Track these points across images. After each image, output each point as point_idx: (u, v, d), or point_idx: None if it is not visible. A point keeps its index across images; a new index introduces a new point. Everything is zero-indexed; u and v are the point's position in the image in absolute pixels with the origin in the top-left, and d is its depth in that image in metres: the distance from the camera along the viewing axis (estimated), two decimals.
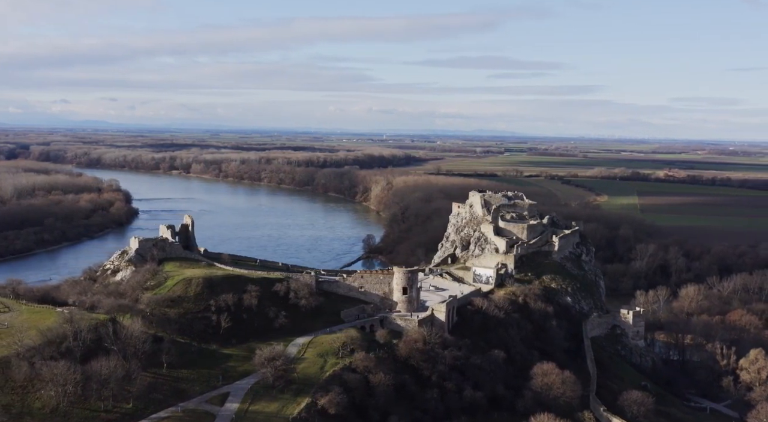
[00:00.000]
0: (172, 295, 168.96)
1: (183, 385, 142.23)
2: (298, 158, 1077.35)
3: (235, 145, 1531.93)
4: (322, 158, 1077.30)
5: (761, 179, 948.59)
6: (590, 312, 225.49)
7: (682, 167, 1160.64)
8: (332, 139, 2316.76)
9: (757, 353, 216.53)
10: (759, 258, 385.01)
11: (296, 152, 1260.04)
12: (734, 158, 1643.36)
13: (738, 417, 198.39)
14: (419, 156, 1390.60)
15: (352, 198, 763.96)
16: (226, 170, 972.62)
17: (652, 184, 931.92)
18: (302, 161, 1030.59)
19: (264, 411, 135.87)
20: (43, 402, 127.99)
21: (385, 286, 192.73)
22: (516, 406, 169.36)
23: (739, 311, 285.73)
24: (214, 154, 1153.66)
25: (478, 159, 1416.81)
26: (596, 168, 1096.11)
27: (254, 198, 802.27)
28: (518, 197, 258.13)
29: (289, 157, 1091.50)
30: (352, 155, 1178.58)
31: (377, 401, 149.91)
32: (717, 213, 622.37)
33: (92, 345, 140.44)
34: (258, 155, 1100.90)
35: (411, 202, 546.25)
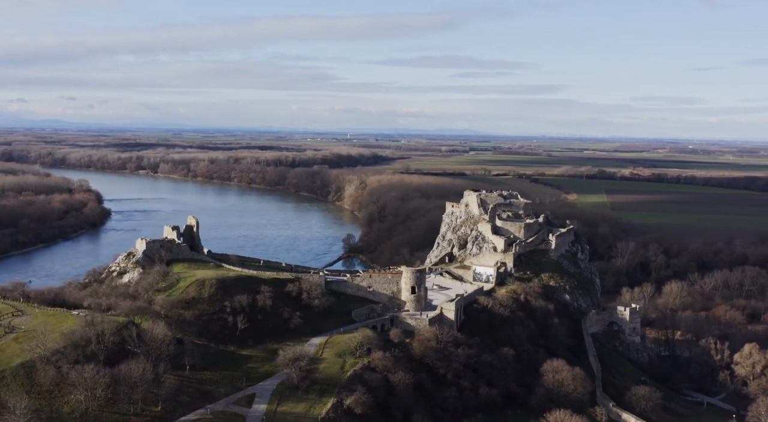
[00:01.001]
0: (186, 297, 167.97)
1: (208, 387, 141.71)
2: (266, 157, 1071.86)
3: (200, 144, 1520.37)
4: (291, 158, 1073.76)
5: (724, 177, 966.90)
6: (588, 310, 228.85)
7: (645, 166, 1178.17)
8: (296, 138, 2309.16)
9: (751, 347, 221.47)
10: (735, 255, 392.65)
11: (263, 151, 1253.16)
12: (694, 156, 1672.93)
13: (735, 411, 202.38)
14: (386, 155, 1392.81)
15: (325, 198, 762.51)
16: (194, 170, 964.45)
17: (619, 182, 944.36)
18: (271, 161, 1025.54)
19: (292, 412, 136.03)
20: (71, 406, 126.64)
21: (393, 285, 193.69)
22: (529, 403, 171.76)
23: (723, 307, 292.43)
24: (182, 153, 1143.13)
25: (445, 158, 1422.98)
26: (563, 167, 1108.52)
27: (226, 198, 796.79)
28: (513, 196, 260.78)
29: (258, 156, 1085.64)
30: (320, 154, 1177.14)
31: (399, 400, 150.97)
32: (686, 211, 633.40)
33: (115, 347, 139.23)
34: (226, 155, 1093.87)
35: (388, 201, 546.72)
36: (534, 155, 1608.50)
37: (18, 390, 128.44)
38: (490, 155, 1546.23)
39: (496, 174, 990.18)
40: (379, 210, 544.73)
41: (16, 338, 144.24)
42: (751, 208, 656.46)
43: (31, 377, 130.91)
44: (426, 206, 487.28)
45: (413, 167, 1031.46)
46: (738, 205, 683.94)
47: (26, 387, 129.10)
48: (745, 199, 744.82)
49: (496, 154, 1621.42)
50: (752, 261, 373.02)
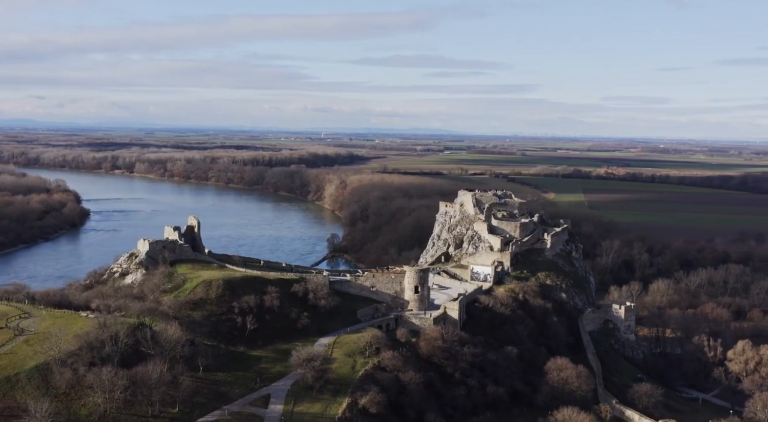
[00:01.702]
0: (193, 298, 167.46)
1: (222, 388, 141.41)
2: (243, 157, 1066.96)
3: (174, 144, 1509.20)
4: (268, 157, 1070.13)
5: (698, 176, 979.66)
6: (584, 308, 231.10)
7: (618, 165, 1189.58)
8: (270, 137, 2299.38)
9: (744, 344, 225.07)
10: (717, 253, 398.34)
11: (239, 150, 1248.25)
12: (667, 155, 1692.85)
13: (730, 407, 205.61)
14: (362, 155, 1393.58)
15: (304, 197, 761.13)
16: (171, 170, 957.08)
17: (595, 181, 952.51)
18: (248, 161, 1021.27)
19: (309, 412, 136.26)
20: (89, 409, 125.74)
21: (396, 285, 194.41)
22: (534, 401, 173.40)
23: (710, 304, 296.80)
24: (157, 153, 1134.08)
25: (420, 158, 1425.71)
26: (539, 166, 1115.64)
27: (205, 198, 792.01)
28: (507, 196, 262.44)
29: (234, 156, 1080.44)
30: (297, 153, 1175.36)
31: (411, 399, 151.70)
32: (663, 210, 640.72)
33: (129, 349, 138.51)
34: (202, 154, 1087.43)
35: (370, 201, 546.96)
36: (508, 154, 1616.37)
37: (34, 392, 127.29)
38: (465, 155, 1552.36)
39: (473, 173, 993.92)
40: (362, 210, 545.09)
41: (26, 340, 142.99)
42: (728, 207, 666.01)
43: (46, 379, 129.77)
44: (410, 206, 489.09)
45: (390, 166, 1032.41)
46: (714, 204, 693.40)
47: (42, 390, 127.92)
48: (720, 197, 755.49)
49: (470, 153, 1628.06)
50: (734, 259, 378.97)
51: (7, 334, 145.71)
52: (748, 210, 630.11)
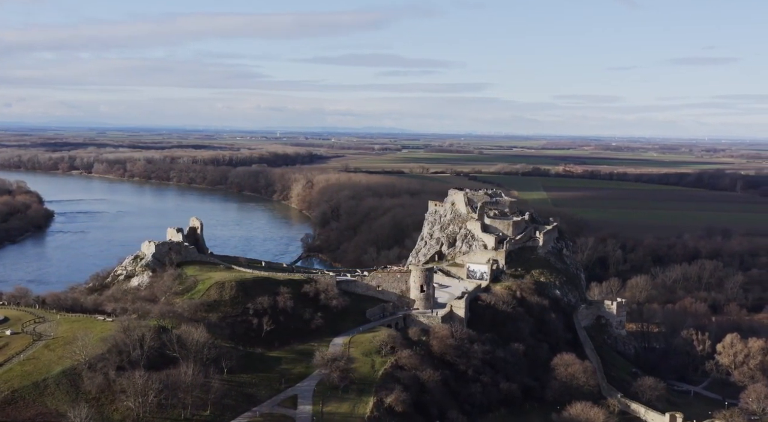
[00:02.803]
0: (207, 299, 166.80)
1: (249, 390, 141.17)
2: (203, 156, 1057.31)
3: (130, 143, 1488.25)
4: (228, 157, 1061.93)
5: (655, 173, 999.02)
6: (577, 304, 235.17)
7: (575, 163, 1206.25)
8: (225, 137, 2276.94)
9: (732, 337, 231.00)
10: (688, 249, 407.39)
11: (198, 150, 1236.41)
12: (620, 153, 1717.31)
13: (721, 399, 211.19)
14: (321, 154, 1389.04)
15: (270, 197, 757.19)
16: (131, 170, 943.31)
17: (554, 179, 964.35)
18: (208, 160, 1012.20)
19: (338, 412, 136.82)
20: (122, 413, 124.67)
21: (402, 284, 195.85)
22: (545, 396, 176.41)
23: (688, 299, 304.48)
24: (115, 153, 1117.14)
25: (379, 156, 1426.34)
26: (498, 164, 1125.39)
27: (168, 198, 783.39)
28: (498, 195, 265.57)
29: (194, 155, 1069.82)
30: (257, 153, 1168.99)
31: (433, 397, 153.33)
32: (626, 207, 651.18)
33: (155, 352, 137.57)
34: (162, 154, 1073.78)
35: (341, 201, 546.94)
36: (466, 152, 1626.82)
37: (63, 398, 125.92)
38: (423, 153, 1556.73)
39: (434, 172, 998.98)
40: (332, 210, 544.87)
41: (47, 345, 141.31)
42: (687, 203, 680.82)
43: (75, 384, 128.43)
44: (383, 205, 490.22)
45: (352, 165, 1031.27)
46: (673, 200, 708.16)
47: (71, 396, 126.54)
48: (678, 194, 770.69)
49: (428, 152, 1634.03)
50: (704, 255, 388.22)
51: (25, 339, 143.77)
52: (709, 206, 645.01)
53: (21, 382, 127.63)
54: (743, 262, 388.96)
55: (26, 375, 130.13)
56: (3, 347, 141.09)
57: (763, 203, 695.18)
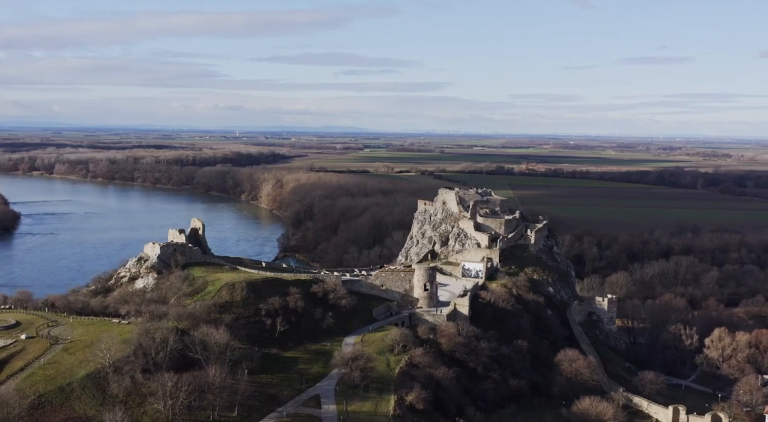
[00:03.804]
0: (219, 301, 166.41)
1: (271, 390, 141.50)
2: (166, 156, 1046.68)
3: (90, 143, 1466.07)
4: (191, 157, 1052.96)
5: (616, 171, 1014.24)
6: (570, 301, 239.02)
7: (536, 161, 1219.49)
8: (183, 136, 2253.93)
9: (720, 331, 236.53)
10: (661, 246, 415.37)
11: (160, 150, 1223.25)
12: (579, 151, 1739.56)
13: (711, 392, 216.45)
14: (283, 153, 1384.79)
15: (238, 197, 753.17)
16: (94, 170, 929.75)
17: (518, 177, 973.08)
18: (172, 160, 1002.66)
19: (362, 411, 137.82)
20: (151, 416, 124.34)
21: (405, 283, 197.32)
22: (551, 392, 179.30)
23: (668, 295, 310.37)
24: (77, 153, 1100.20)
25: (342, 156, 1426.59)
26: (462, 163, 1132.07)
27: (135, 199, 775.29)
28: (488, 194, 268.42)
29: (157, 155, 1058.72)
30: (221, 152, 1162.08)
31: (449, 394, 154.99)
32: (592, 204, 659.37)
33: (177, 354, 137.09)
34: (125, 154, 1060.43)
35: (314, 200, 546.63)
36: (428, 151, 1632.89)
37: (90, 402, 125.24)
38: (385, 152, 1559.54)
39: (399, 171, 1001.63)
40: (306, 209, 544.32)
41: (66, 349, 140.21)
42: (653, 201, 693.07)
43: (102, 388, 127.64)
44: (359, 205, 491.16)
45: (316, 165, 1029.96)
46: (637, 198, 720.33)
47: (98, 399, 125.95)
48: (641, 192, 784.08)
49: (390, 151, 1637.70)
50: (677, 251, 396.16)
51: (42, 343, 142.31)
52: (674, 204, 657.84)
53: (46, 387, 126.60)
54: (714, 258, 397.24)
55: (50, 379, 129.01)
56: (20, 351, 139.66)
57: (724, 200, 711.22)
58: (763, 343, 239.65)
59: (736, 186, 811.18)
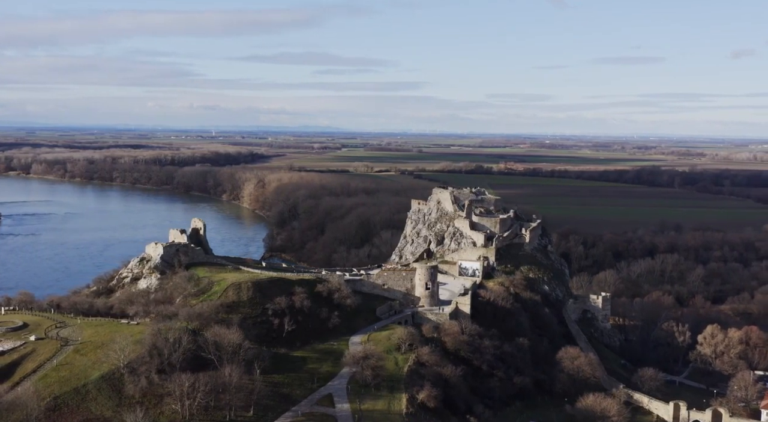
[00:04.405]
0: (226, 301, 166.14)
1: (284, 390, 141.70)
2: (144, 156, 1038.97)
3: (65, 143, 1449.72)
4: (170, 156, 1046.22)
5: (594, 170, 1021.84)
6: (565, 299, 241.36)
7: (514, 161, 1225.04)
8: (159, 136, 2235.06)
9: (713, 328, 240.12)
10: (645, 244, 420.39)
11: (137, 149, 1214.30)
12: (555, 151, 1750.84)
13: (705, 388, 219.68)
14: (261, 153, 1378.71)
15: (219, 197, 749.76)
16: (72, 170, 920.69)
17: (498, 176, 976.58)
18: (150, 160, 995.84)
19: (376, 409, 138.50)
20: (168, 416, 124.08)
21: (407, 282, 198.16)
22: (554, 389, 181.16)
23: (656, 292, 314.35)
24: (54, 153, 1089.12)
25: (320, 155, 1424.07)
26: (442, 162, 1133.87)
27: (115, 199, 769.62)
28: (481, 193, 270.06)
29: (135, 155, 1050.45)
30: (199, 152, 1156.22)
31: (458, 392, 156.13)
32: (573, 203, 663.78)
33: (191, 354, 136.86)
34: (103, 154, 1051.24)
35: (298, 200, 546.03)
36: (405, 151, 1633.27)
37: (107, 403, 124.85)
38: (362, 152, 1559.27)
39: (378, 171, 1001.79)
40: (290, 209, 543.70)
41: (77, 350, 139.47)
42: (633, 199, 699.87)
43: (117, 389, 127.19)
44: (344, 204, 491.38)
45: (296, 164, 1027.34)
46: (617, 197, 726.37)
47: (114, 401, 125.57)
48: (621, 191, 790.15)
49: (368, 151, 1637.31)
50: (662, 249, 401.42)
51: (53, 345, 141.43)
52: (654, 202, 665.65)
53: (61, 388, 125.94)
54: (698, 256, 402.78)
55: (64, 380, 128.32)
56: (31, 353, 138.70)
57: (702, 198, 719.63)
58: (752, 340, 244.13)
59: (713, 185, 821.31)
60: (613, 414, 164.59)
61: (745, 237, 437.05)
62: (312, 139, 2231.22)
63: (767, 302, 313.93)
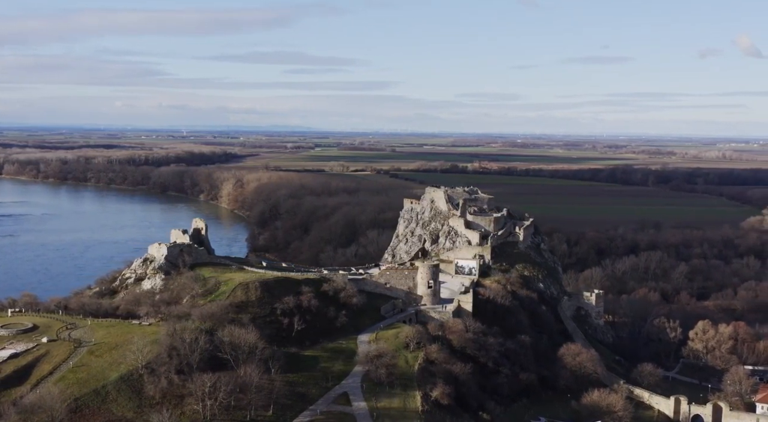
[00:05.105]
0: (235, 300, 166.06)
1: (299, 389, 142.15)
2: (118, 156, 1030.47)
3: (35, 143, 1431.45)
4: (144, 156, 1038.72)
5: (568, 169, 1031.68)
6: (560, 296, 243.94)
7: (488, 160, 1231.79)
8: (129, 136, 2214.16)
9: (704, 324, 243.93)
10: (627, 241, 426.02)
11: (110, 149, 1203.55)
12: (527, 150, 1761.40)
13: (697, 383, 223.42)
14: (235, 152, 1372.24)
15: (196, 197, 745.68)
16: (46, 171, 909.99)
17: (473, 176, 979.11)
18: (124, 160, 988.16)
19: (392, 407, 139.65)
20: (189, 417, 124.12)
21: (409, 281, 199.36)
22: (558, 385, 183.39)
23: (642, 289, 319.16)
24: (25, 153, 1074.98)
25: (294, 155, 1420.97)
26: (417, 162, 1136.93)
27: (92, 199, 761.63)
28: (474, 192, 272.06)
29: (109, 155, 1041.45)
30: (173, 152, 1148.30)
31: (469, 389, 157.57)
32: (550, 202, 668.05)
33: (207, 355, 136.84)
34: (75, 154, 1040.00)
35: (279, 199, 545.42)
36: (379, 150, 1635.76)
37: (127, 404, 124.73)
38: (336, 151, 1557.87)
39: (354, 170, 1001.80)
40: (271, 209, 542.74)
41: (91, 351, 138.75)
42: (610, 198, 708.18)
43: (137, 389, 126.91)
44: (327, 204, 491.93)
45: (271, 164, 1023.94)
46: (593, 195, 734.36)
47: (135, 401, 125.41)
48: (596, 190, 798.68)
49: (342, 150, 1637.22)
50: (643, 247, 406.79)
51: (65, 346, 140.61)
52: (631, 201, 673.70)
53: (80, 390, 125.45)
54: (679, 253, 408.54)
55: (82, 382, 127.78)
56: (45, 355, 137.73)
57: (677, 197, 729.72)
58: (740, 335, 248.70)
59: (686, 183, 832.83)
60: (618, 409, 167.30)
61: (724, 235, 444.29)
62: (284, 138, 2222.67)
63: (750, 298, 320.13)
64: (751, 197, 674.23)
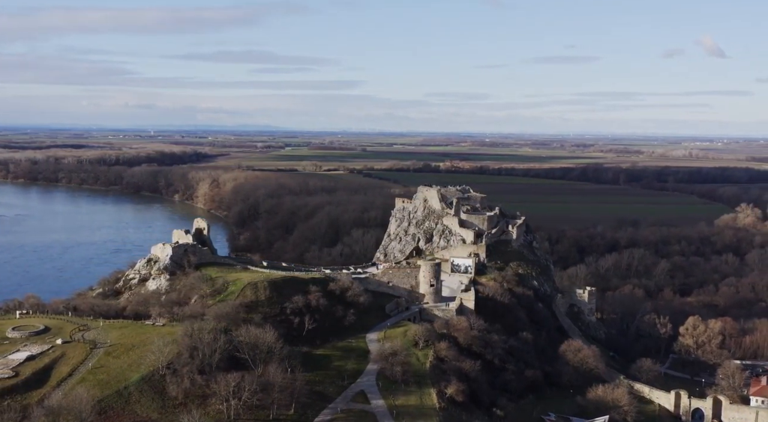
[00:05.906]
0: (244, 300, 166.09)
1: (317, 388, 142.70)
2: (88, 156, 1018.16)
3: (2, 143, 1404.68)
4: (114, 156, 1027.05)
5: (540, 168, 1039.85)
6: (553, 294, 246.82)
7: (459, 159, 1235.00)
8: (95, 135, 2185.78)
9: (695, 320, 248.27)
10: (607, 239, 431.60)
11: (78, 149, 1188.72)
12: (496, 149, 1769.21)
13: (689, 377, 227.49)
14: (205, 152, 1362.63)
15: (171, 197, 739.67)
16: (15, 171, 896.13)
17: (445, 175, 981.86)
18: (94, 160, 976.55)
19: (410, 404, 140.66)
20: (213, 417, 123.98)
21: (411, 279, 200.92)
22: (561, 381, 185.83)
23: (627, 286, 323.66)
24: None
25: (264, 154, 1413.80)
26: (389, 161, 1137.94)
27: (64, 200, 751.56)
28: (467, 191, 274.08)
29: (79, 155, 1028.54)
30: (144, 152, 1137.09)
31: (480, 386, 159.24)
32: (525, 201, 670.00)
33: (225, 354, 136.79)
34: (44, 154, 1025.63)
35: (258, 199, 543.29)
36: (349, 149, 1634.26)
37: (151, 404, 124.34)
38: (306, 151, 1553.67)
39: (327, 170, 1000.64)
40: (250, 208, 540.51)
41: (108, 353, 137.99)
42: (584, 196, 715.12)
43: (160, 390, 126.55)
44: (308, 203, 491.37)
45: (243, 164, 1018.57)
46: (566, 193, 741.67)
47: (158, 402, 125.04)
48: (568, 188, 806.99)
49: (312, 149, 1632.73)
50: (623, 244, 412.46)
51: (81, 348, 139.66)
52: (605, 199, 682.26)
53: (102, 391, 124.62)
54: (658, 250, 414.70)
55: (103, 384, 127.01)
56: (61, 357, 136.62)
57: (648, 195, 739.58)
58: (728, 330, 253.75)
59: (657, 181, 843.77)
60: (623, 404, 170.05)
61: (700, 232, 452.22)
62: (253, 138, 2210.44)
63: (731, 294, 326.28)
64: (722, 195, 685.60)
